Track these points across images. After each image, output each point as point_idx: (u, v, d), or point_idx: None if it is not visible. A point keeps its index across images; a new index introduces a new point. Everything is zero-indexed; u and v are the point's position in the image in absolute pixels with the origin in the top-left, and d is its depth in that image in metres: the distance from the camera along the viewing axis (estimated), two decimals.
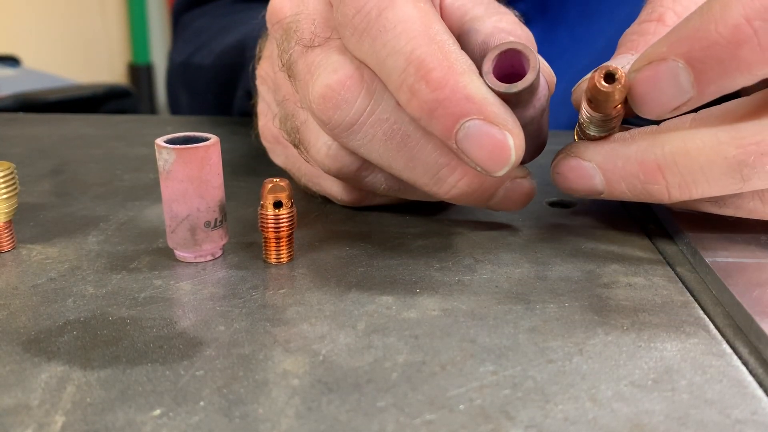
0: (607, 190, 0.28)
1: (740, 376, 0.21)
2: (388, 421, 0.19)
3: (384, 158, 0.28)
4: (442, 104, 0.25)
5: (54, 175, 0.41)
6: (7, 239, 0.30)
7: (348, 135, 0.28)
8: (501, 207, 0.30)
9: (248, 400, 0.20)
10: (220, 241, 0.29)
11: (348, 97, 0.27)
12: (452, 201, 0.29)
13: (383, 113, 0.27)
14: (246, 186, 0.38)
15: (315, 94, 0.27)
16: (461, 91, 0.25)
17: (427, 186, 0.28)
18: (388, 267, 0.29)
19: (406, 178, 0.28)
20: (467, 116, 0.25)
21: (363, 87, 0.27)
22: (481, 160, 0.25)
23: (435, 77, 0.25)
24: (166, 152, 0.27)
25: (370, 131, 0.27)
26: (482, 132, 0.25)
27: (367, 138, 0.27)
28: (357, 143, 0.28)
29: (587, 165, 0.28)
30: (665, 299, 0.26)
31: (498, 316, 0.25)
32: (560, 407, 0.20)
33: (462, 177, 0.28)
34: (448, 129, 0.25)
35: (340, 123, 0.27)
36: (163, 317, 0.24)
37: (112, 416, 0.19)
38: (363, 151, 0.28)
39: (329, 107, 0.27)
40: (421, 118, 0.26)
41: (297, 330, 0.24)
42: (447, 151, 0.27)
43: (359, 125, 0.27)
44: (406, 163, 0.27)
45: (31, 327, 0.24)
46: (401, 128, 0.27)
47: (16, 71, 1.42)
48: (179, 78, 0.68)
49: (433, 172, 0.28)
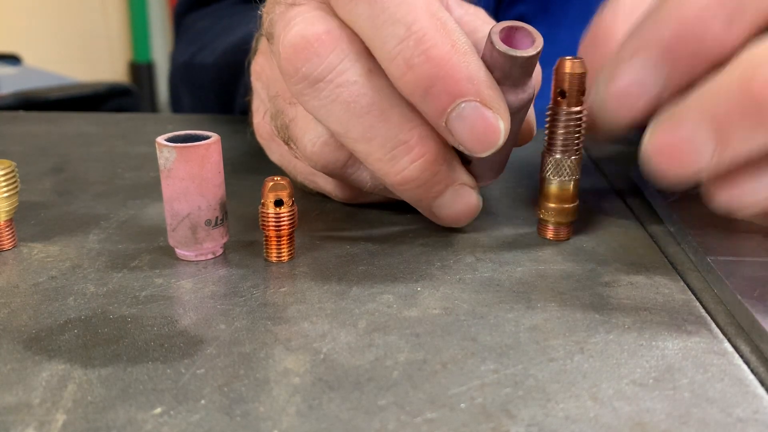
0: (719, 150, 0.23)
1: (742, 375, 0.21)
2: (389, 419, 0.19)
3: (342, 124, 0.27)
4: (441, 81, 0.25)
5: (55, 174, 0.41)
6: (8, 238, 0.30)
7: (311, 92, 0.27)
8: (444, 214, 0.30)
9: (249, 399, 0.20)
10: (221, 240, 0.29)
11: (321, 51, 0.26)
12: (402, 189, 0.28)
13: (352, 76, 0.26)
14: (247, 184, 0.38)
15: (287, 42, 0.27)
16: (462, 71, 0.25)
17: (380, 162, 0.27)
18: (389, 265, 0.29)
19: (360, 151, 0.27)
20: (464, 97, 0.25)
21: (338, 45, 0.26)
22: (469, 141, 0.26)
23: (436, 54, 0.24)
24: (167, 150, 0.27)
25: (335, 92, 0.26)
26: (477, 114, 0.25)
27: (330, 99, 0.27)
28: (317, 103, 0.27)
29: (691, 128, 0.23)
30: (667, 298, 0.26)
31: (499, 315, 0.25)
32: (561, 406, 0.20)
33: (417, 159, 0.27)
34: (442, 107, 0.25)
35: (307, 76, 0.26)
36: (164, 316, 0.24)
37: (113, 414, 0.19)
38: (321, 113, 0.27)
39: (299, 57, 0.26)
40: (414, 92, 0.25)
41: (298, 328, 0.24)
42: (407, 128, 0.26)
43: (325, 83, 0.26)
44: (364, 133, 0.27)
45: (32, 325, 0.24)
46: (366, 95, 0.26)
47: (16, 69, 1.42)
48: (182, 78, 0.68)
49: (389, 148, 0.27)
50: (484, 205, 0.31)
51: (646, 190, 0.36)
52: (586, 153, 0.44)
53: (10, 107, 0.90)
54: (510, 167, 0.31)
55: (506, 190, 0.38)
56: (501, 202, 0.36)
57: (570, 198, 0.30)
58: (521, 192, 0.37)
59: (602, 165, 0.42)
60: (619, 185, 0.38)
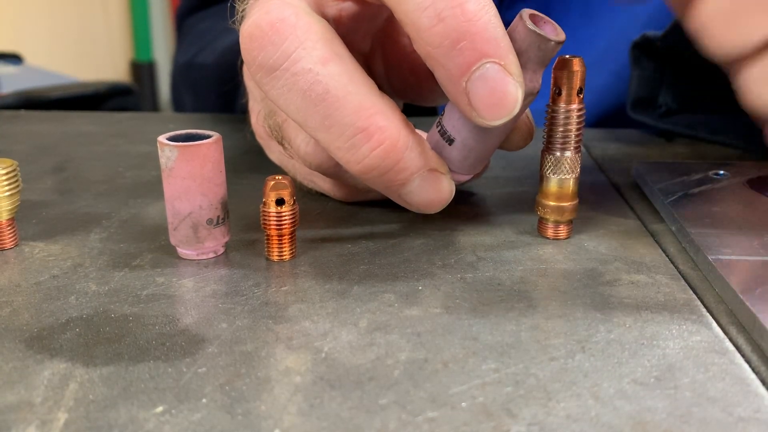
0: None
1: (743, 374, 0.21)
2: (390, 418, 0.19)
3: (301, 113, 0.27)
4: (471, 37, 0.24)
5: (56, 173, 0.41)
6: (10, 236, 0.30)
7: (269, 81, 0.27)
8: (414, 201, 0.28)
9: (250, 397, 0.20)
10: (223, 239, 0.29)
11: (275, 39, 0.26)
12: (366, 178, 0.27)
13: (307, 64, 0.26)
14: (248, 183, 0.38)
15: (244, 32, 0.27)
16: (492, 31, 0.24)
17: (341, 151, 0.27)
18: (390, 264, 0.29)
19: (321, 140, 0.27)
20: (490, 57, 0.24)
21: (292, 33, 0.26)
22: (485, 105, 0.25)
23: (469, 8, 0.24)
24: (168, 149, 0.27)
25: (291, 80, 0.26)
26: (498, 77, 0.25)
27: (287, 87, 0.26)
28: (276, 92, 0.27)
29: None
30: (668, 297, 0.26)
31: (500, 314, 0.25)
32: (562, 405, 0.20)
33: (377, 147, 0.26)
34: (467, 65, 0.25)
35: (263, 65, 0.26)
36: (165, 314, 0.24)
37: (115, 413, 0.19)
38: (281, 102, 0.27)
39: (255, 46, 0.26)
40: (440, 45, 0.25)
41: (299, 327, 0.24)
42: (365, 116, 0.26)
43: (281, 71, 0.26)
44: (322, 121, 0.26)
45: (34, 324, 0.24)
46: (321, 83, 0.26)
47: (18, 69, 1.43)
48: (183, 78, 0.68)
49: (348, 136, 0.26)
50: (484, 204, 0.31)
51: (647, 188, 0.36)
52: (586, 151, 0.44)
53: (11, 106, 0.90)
54: (511, 167, 0.31)
55: (507, 189, 0.38)
56: (502, 202, 0.36)
57: (569, 196, 0.30)
58: (523, 191, 0.37)
59: (603, 163, 0.42)
60: (620, 184, 0.38)
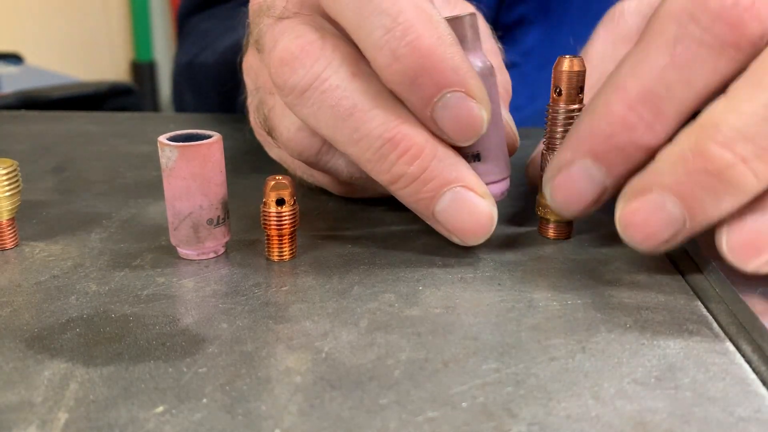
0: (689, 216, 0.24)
1: (743, 374, 0.21)
2: (391, 418, 0.19)
3: (331, 129, 0.27)
4: (427, 72, 0.25)
5: (57, 173, 0.41)
6: (10, 236, 0.30)
7: (300, 101, 0.28)
8: (449, 223, 0.28)
9: (251, 397, 0.20)
10: (223, 239, 0.29)
11: (305, 62, 0.27)
12: (395, 189, 0.28)
13: (335, 81, 0.27)
14: (249, 183, 0.38)
15: (275, 57, 0.28)
16: (448, 61, 0.25)
17: (371, 163, 0.27)
18: (390, 264, 0.29)
19: (352, 155, 0.28)
20: (450, 87, 0.25)
21: (322, 55, 0.27)
22: (453, 130, 0.26)
23: (423, 44, 0.25)
24: (168, 150, 0.27)
25: (320, 98, 0.27)
26: (461, 105, 0.26)
27: (317, 105, 0.27)
28: (308, 111, 0.28)
29: (657, 198, 0.24)
30: (668, 297, 0.26)
31: (500, 314, 0.25)
32: (563, 405, 0.20)
33: (404, 153, 0.27)
34: (428, 97, 0.26)
35: (295, 87, 0.27)
36: (165, 314, 0.24)
37: (115, 413, 0.19)
38: (312, 120, 0.28)
39: (286, 71, 0.27)
40: (400, 83, 0.26)
41: (299, 327, 0.24)
42: (392, 126, 0.27)
43: (311, 90, 0.27)
44: (351, 135, 0.27)
45: (34, 324, 0.24)
46: (349, 98, 0.27)
47: (18, 69, 1.43)
48: (184, 78, 0.68)
49: (377, 147, 0.27)
50: None
51: None
52: None
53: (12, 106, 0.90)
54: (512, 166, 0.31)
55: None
56: (502, 201, 0.36)
57: None
58: (522, 191, 0.37)
59: None
60: None
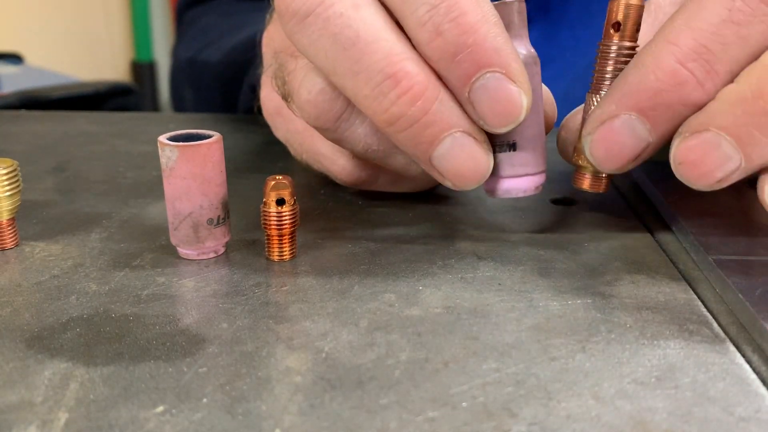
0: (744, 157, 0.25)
1: (743, 374, 0.21)
2: (391, 418, 0.19)
3: (330, 60, 0.27)
4: (468, 49, 0.25)
5: (57, 173, 0.41)
6: (11, 236, 0.30)
7: (301, 28, 0.27)
8: (446, 167, 0.27)
9: (251, 397, 0.20)
10: (223, 239, 0.29)
11: None
12: (392, 131, 0.27)
13: (339, 8, 0.26)
14: (249, 183, 0.38)
15: None
16: (490, 41, 0.25)
17: (368, 100, 0.27)
18: (390, 264, 0.29)
19: (348, 88, 0.27)
20: (490, 67, 0.25)
21: None
22: (490, 113, 0.26)
23: (466, 20, 0.25)
24: (168, 149, 0.27)
25: (322, 25, 0.27)
26: (500, 86, 0.25)
27: (318, 33, 0.27)
28: (307, 40, 0.27)
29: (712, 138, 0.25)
30: (668, 297, 0.26)
31: (501, 314, 0.25)
32: (563, 405, 0.20)
33: (404, 93, 0.26)
34: (467, 76, 0.25)
35: (297, 12, 0.27)
36: (166, 314, 0.24)
37: (116, 413, 0.19)
38: (311, 50, 0.27)
39: None
40: (441, 59, 0.25)
41: (300, 327, 0.24)
42: (394, 61, 0.26)
43: (314, 16, 0.26)
44: (351, 66, 0.26)
45: (35, 324, 0.24)
46: (352, 27, 0.26)
47: (19, 69, 1.43)
48: (185, 74, 0.68)
49: (376, 83, 0.26)
50: (485, 204, 0.31)
51: (647, 188, 0.36)
52: None
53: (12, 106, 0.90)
54: None
55: None
56: (502, 201, 0.36)
57: None
58: None
59: None
60: (621, 184, 0.38)
